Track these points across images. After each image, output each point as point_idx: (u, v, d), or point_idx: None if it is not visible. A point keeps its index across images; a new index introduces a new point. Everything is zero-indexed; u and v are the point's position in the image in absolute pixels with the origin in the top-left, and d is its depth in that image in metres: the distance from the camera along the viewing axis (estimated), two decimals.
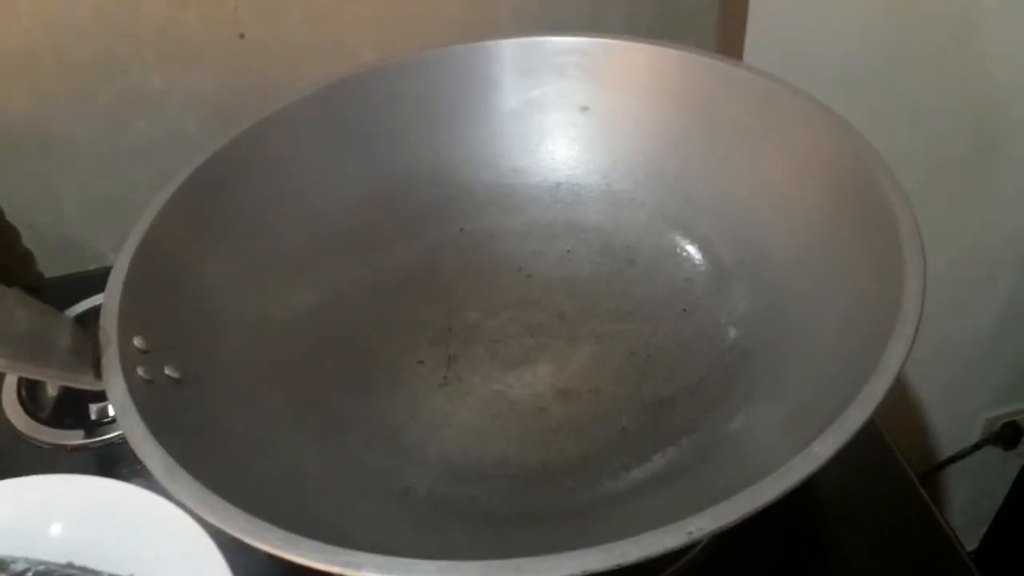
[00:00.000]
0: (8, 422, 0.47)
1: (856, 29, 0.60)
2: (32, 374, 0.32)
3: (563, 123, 0.48)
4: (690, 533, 0.25)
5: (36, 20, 0.51)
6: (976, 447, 1.03)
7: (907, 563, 0.39)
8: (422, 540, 0.32)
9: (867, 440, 0.43)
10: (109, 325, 0.34)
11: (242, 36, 0.55)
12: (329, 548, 0.26)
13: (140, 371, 0.33)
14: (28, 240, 0.61)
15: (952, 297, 0.84)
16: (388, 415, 0.39)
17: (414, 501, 0.35)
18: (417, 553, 0.25)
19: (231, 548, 0.35)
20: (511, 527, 0.34)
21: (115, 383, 0.31)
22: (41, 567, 0.34)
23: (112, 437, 0.45)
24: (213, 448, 0.32)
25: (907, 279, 0.31)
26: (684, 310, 0.42)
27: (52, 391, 0.47)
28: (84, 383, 0.33)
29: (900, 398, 0.95)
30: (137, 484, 0.38)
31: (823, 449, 0.27)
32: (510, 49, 0.46)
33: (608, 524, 0.33)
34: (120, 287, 0.35)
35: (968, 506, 1.08)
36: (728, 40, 0.61)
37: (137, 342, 0.34)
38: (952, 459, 1.04)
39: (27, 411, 0.47)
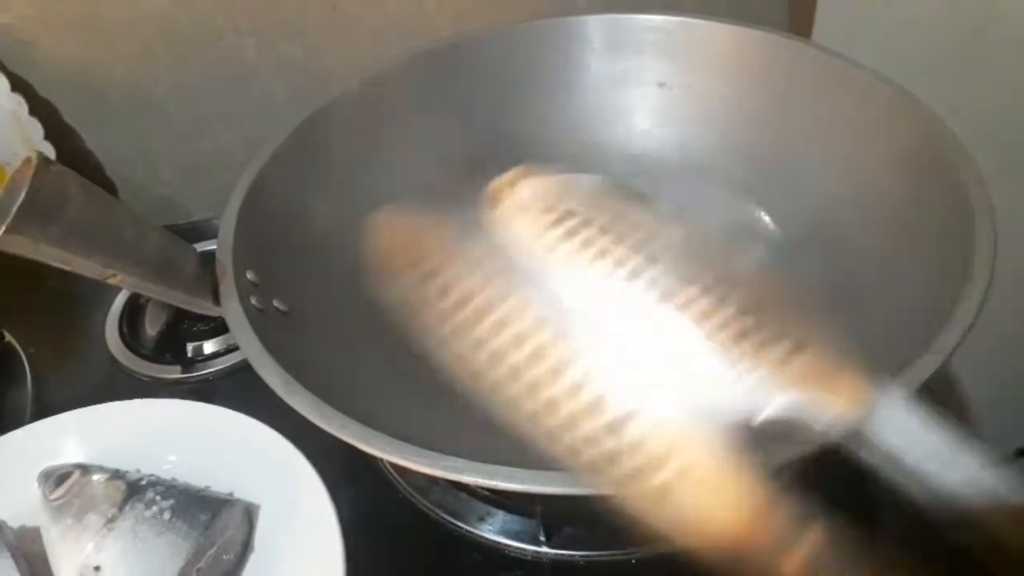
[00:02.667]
0: (110, 354, 0.50)
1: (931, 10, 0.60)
2: (159, 295, 0.35)
3: (642, 98, 0.50)
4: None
5: None
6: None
7: None
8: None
9: None
10: (225, 257, 0.37)
11: (334, 8, 0.58)
12: (434, 454, 0.28)
13: (254, 300, 0.36)
14: (123, 195, 0.65)
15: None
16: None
17: (496, 433, 0.37)
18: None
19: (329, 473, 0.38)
20: None
21: (232, 308, 0.34)
22: (153, 478, 0.37)
23: (206, 373, 0.49)
24: (318, 371, 0.34)
25: (977, 245, 0.33)
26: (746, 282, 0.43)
27: (152, 330, 0.51)
28: (204, 308, 0.36)
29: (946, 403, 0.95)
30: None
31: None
32: (594, 25, 0.49)
33: None
34: (233, 224, 0.38)
35: None
36: (797, 20, 0.62)
37: (249, 275, 0.37)
38: None
39: (129, 347, 0.50)
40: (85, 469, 0.37)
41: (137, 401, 0.41)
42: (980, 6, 0.60)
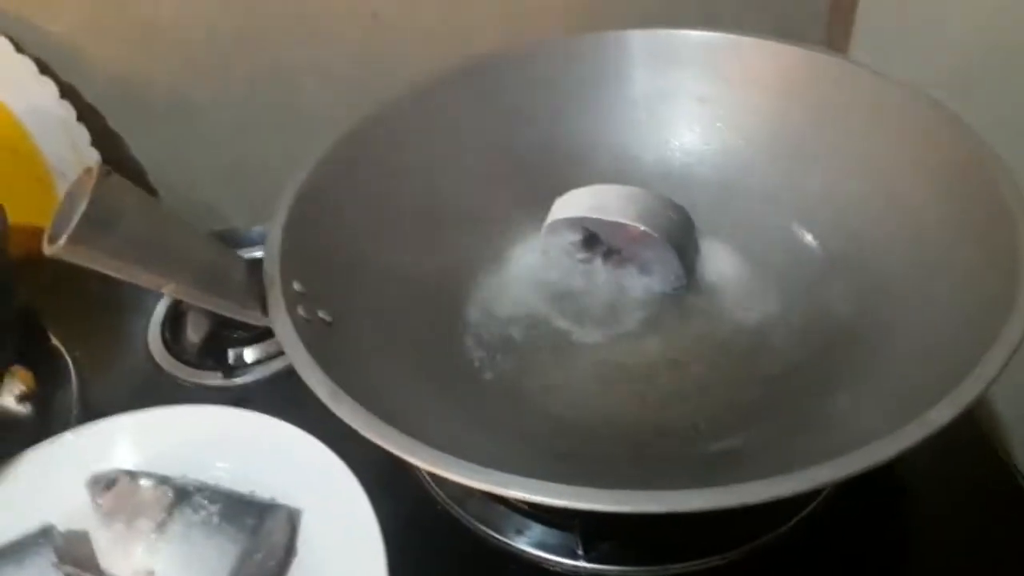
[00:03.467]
0: (153, 359, 0.51)
1: (968, 27, 0.60)
2: (210, 304, 0.35)
3: (684, 113, 0.50)
4: (813, 479, 0.27)
5: None
6: None
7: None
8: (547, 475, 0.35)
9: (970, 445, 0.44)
10: (272, 268, 0.37)
11: (375, 16, 0.58)
12: (480, 468, 0.29)
13: (300, 311, 0.36)
14: (165, 200, 0.66)
15: None
16: (507, 373, 0.42)
17: (533, 447, 0.38)
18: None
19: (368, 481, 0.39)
20: (623, 472, 0.37)
21: (281, 319, 0.35)
22: (199, 484, 0.38)
23: (247, 380, 0.49)
24: (366, 380, 0.35)
25: (1021, 263, 0.32)
26: (796, 292, 0.44)
27: (194, 337, 0.51)
28: (252, 318, 0.36)
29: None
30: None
31: (939, 416, 0.28)
32: (639, 40, 0.49)
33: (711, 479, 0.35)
34: (280, 234, 0.39)
35: None
36: (835, 36, 0.62)
37: (296, 286, 0.37)
38: None
39: (169, 351, 0.51)
40: (133, 475, 0.38)
41: (182, 407, 0.42)
42: (1015, 24, 0.60)
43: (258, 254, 0.43)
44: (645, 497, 0.27)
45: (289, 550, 0.38)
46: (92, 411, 0.47)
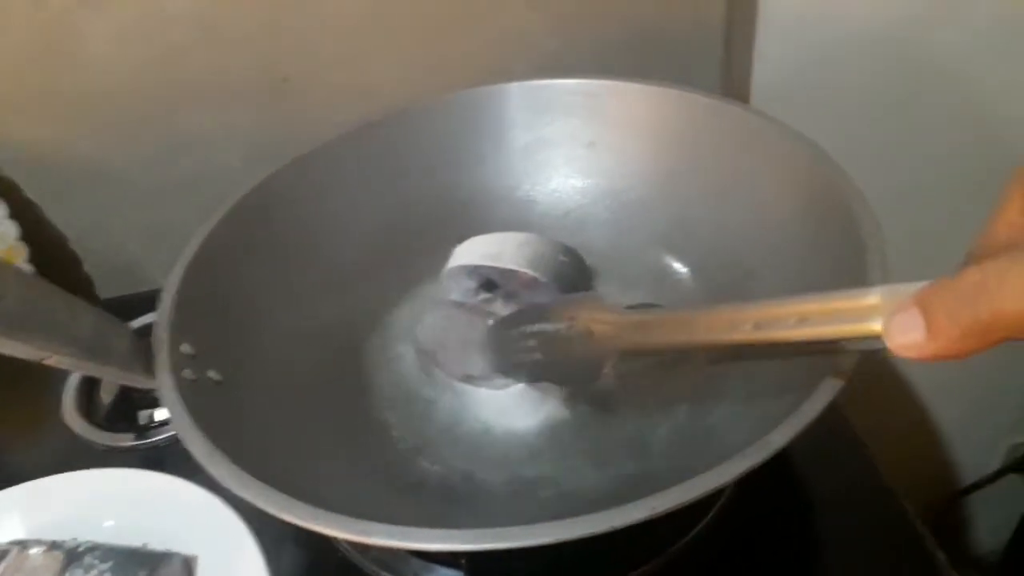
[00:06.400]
0: (66, 426, 0.52)
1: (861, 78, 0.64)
2: (94, 372, 0.36)
3: (571, 157, 0.52)
4: (654, 508, 0.28)
5: (96, 67, 0.57)
6: (999, 474, 1.03)
7: None
8: (426, 516, 0.36)
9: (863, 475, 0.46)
10: (161, 332, 0.38)
11: (285, 80, 0.60)
12: (345, 519, 0.30)
13: (187, 372, 0.37)
14: (88, 265, 0.67)
15: None
16: (404, 419, 0.44)
17: (422, 490, 0.39)
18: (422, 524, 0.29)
19: (261, 532, 0.40)
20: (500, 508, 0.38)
21: (165, 381, 0.36)
22: (90, 544, 0.39)
23: (158, 440, 0.50)
24: (247, 438, 0.36)
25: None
26: None
27: (107, 398, 0.52)
28: (138, 382, 0.37)
29: (919, 423, 0.96)
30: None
31: (779, 438, 0.30)
32: (519, 91, 0.51)
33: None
34: (172, 300, 0.40)
35: (990, 536, 1.08)
36: (737, 87, 0.65)
37: (185, 348, 0.39)
38: (975, 487, 1.04)
39: (84, 416, 0.52)
40: (23, 544, 0.39)
41: (74, 473, 0.43)
42: (908, 82, 0.64)
43: None
44: (492, 535, 0.29)
45: None
46: (5, 483, 0.47)
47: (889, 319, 0.24)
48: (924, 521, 0.44)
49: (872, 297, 0.26)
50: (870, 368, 0.85)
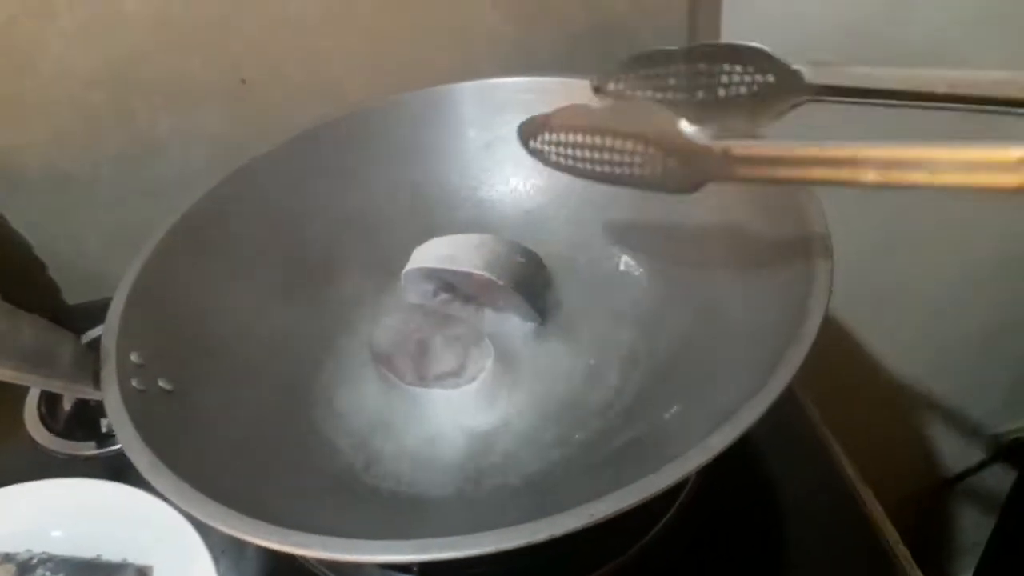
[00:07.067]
0: (28, 435, 0.51)
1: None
2: (39, 384, 0.36)
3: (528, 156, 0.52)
4: (591, 516, 0.28)
5: (54, 73, 0.57)
6: (983, 465, 1.03)
7: None
8: (372, 527, 0.36)
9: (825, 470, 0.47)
10: (109, 342, 0.38)
11: (243, 81, 0.60)
12: (282, 530, 0.30)
13: (135, 382, 0.37)
14: (53, 271, 0.66)
15: (941, 307, 0.85)
16: (353, 423, 0.43)
17: (373, 499, 0.39)
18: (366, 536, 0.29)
19: (212, 537, 0.40)
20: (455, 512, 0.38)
21: (111, 392, 0.36)
22: (43, 556, 0.39)
23: (119, 448, 0.49)
24: (197, 448, 0.36)
25: (811, 305, 0.34)
26: (631, 322, 0.45)
27: (67, 406, 0.52)
28: (85, 393, 0.37)
29: (902, 415, 0.97)
30: (138, 486, 0.42)
31: (718, 441, 0.30)
32: (474, 90, 0.51)
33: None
34: (121, 309, 0.40)
35: (975, 526, 1.08)
36: None
37: (134, 357, 0.38)
38: (959, 477, 1.04)
39: (45, 425, 0.52)
40: None
41: (25, 484, 0.43)
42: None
43: None
44: (435, 544, 0.29)
45: None
46: None
47: None
48: (908, 513, 0.44)
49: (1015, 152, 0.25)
50: (852, 361, 0.86)
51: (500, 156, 0.52)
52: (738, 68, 0.37)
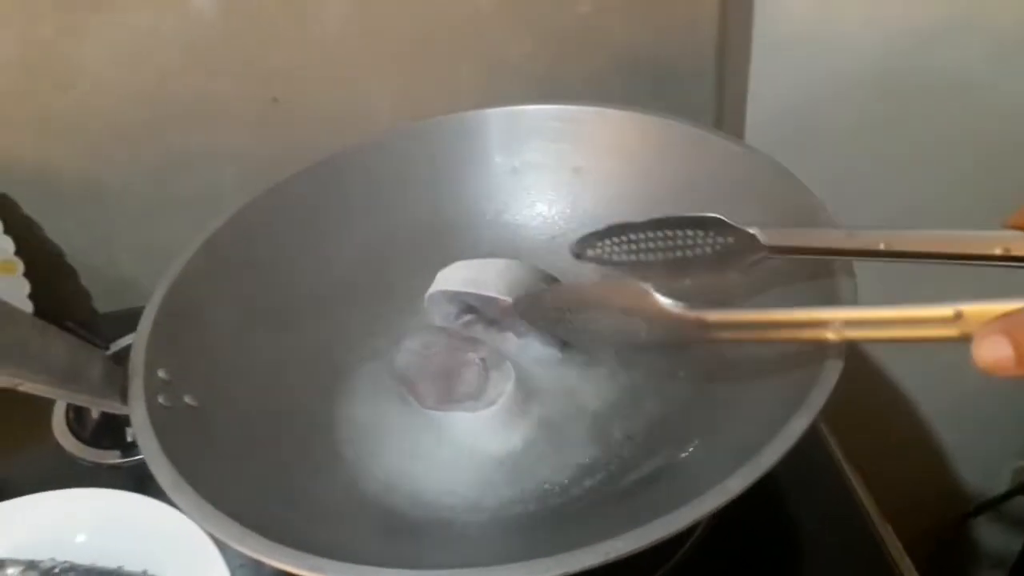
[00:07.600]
0: (56, 442, 0.52)
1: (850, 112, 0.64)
2: (69, 399, 0.37)
3: (557, 183, 0.53)
4: (607, 554, 0.28)
5: (91, 89, 0.58)
6: (1005, 497, 1.02)
7: None
8: (391, 553, 0.36)
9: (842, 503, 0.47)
10: (137, 358, 0.39)
11: (275, 100, 0.61)
12: (298, 553, 0.30)
13: (161, 399, 0.38)
14: (85, 279, 0.68)
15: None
16: (374, 446, 0.44)
17: (392, 521, 0.39)
18: (385, 563, 0.30)
19: (230, 551, 0.40)
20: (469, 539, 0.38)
21: (137, 408, 0.37)
22: (66, 565, 0.40)
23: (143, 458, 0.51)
24: (219, 466, 0.36)
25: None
26: (653, 354, 0.45)
27: (95, 415, 0.53)
28: (113, 408, 0.38)
29: (925, 446, 0.96)
30: (159, 497, 0.43)
31: (736, 484, 0.30)
32: (500, 117, 0.52)
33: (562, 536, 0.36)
34: (149, 326, 0.41)
35: (997, 558, 1.07)
36: (728, 109, 0.65)
37: (161, 373, 0.39)
38: (981, 509, 1.03)
39: (73, 433, 0.53)
40: (1, 563, 0.39)
41: (49, 493, 0.44)
42: (893, 114, 0.64)
43: None
44: None
45: None
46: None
47: (979, 341, 0.26)
48: (928, 545, 0.44)
49: (951, 311, 0.28)
50: (876, 392, 0.85)
51: (527, 182, 0.53)
52: (700, 233, 0.42)
